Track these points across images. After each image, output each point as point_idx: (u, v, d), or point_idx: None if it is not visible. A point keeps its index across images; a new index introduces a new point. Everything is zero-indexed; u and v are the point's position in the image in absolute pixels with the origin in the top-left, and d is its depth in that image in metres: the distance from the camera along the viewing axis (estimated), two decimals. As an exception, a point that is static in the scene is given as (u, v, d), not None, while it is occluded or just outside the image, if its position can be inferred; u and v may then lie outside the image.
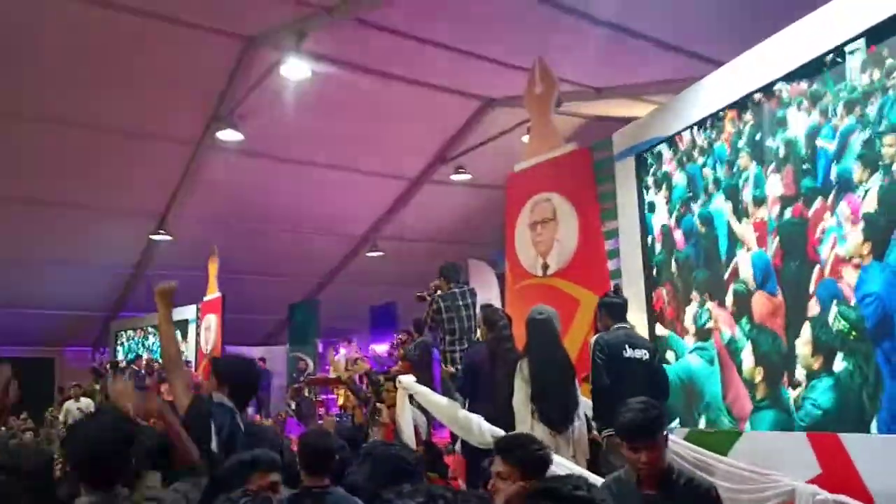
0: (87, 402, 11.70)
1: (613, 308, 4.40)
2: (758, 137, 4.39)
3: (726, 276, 4.55)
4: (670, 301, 5.13)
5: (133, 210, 12.30)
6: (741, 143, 4.52)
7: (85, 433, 2.45)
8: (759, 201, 4.33)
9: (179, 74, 8.76)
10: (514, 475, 2.50)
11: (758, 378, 4.21)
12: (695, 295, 4.87)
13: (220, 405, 3.15)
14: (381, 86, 9.16)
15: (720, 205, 4.67)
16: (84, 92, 8.85)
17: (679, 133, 5.15)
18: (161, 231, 12.64)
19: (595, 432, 4.28)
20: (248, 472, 2.70)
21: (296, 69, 8.02)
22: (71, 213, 11.85)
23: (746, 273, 4.40)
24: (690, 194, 5.01)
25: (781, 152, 4.17)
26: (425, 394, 5.17)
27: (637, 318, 4.97)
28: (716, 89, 4.83)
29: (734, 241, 4.54)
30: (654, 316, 5.26)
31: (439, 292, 6.12)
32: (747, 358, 4.31)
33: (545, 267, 6.38)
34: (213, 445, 2.96)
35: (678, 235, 5.11)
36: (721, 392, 4.52)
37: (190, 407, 3.07)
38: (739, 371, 4.36)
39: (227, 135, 9.42)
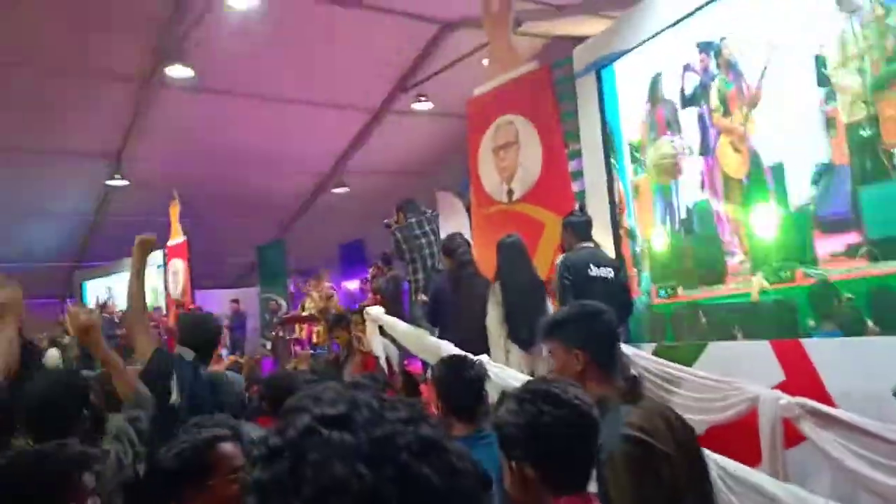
0: (54, 354, 11.55)
1: (577, 227, 4.36)
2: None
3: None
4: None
5: (86, 154, 11.89)
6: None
7: (35, 386, 2.36)
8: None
9: (123, 8, 8.30)
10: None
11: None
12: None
13: (180, 359, 3.14)
14: (335, 12, 8.78)
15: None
16: (26, 31, 8.36)
17: (639, 45, 5.01)
18: (117, 176, 12.27)
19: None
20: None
21: (243, -3, 7.65)
22: (22, 159, 11.41)
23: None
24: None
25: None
26: (393, 324, 5.16)
27: (602, 237, 4.94)
28: (670, 1, 4.69)
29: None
30: (619, 233, 5.23)
31: (395, 226, 6.06)
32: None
33: (510, 193, 6.30)
34: (174, 398, 2.96)
35: None
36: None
37: (150, 360, 3.05)
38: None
39: (177, 71, 9.05)
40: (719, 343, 4.17)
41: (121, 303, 14.17)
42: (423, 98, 10.97)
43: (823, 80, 3.71)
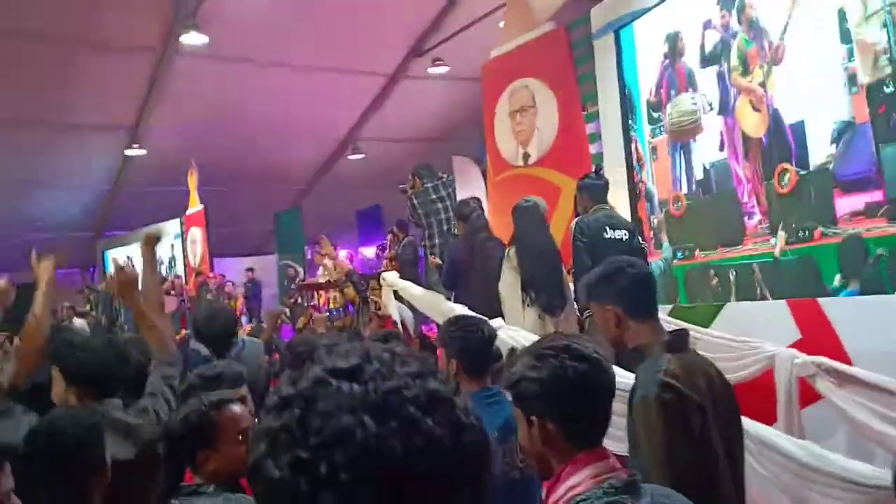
0: (80, 323, 11.78)
1: (592, 189, 4.33)
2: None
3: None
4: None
5: (104, 125, 11.94)
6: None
7: (78, 345, 2.40)
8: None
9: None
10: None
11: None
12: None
13: (195, 353, 3.18)
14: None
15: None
16: (40, 5, 8.36)
17: (659, 4, 4.92)
18: (135, 146, 12.33)
19: (578, 314, 4.31)
20: (214, 387, 2.68)
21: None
22: (41, 132, 11.49)
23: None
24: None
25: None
26: (408, 288, 5.19)
27: (619, 200, 4.91)
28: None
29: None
30: (636, 195, 5.20)
31: (411, 191, 6.05)
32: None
33: (526, 157, 6.27)
34: None
35: None
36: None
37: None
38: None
39: (192, 38, 9.00)
40: (736, 304, 4.15)
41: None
42: (438, 62, 10.86)
43: (846, 37, 3.62)
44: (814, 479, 2.65)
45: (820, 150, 3.77)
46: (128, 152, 12.60)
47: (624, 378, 2.98)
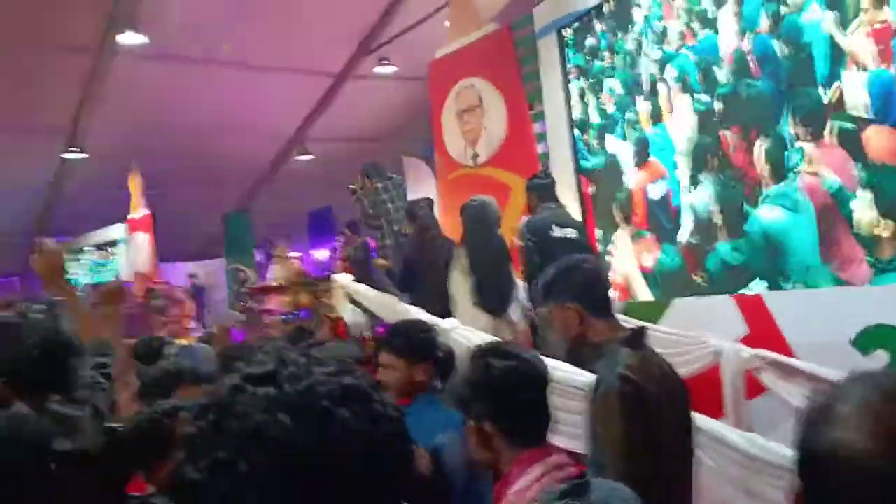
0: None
1: (539, 189, 4.38)
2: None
3: (824, 103, 3.73)
4: (735, 146, 4.29)
5: (40, 127, 11.51)
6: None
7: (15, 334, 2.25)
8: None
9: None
10: (400, 364, 2.50)
11: (884, 233, 3.50)
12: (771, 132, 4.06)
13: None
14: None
15: (815, 16, 3.77)
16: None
17: (600, 5, 4.99)
18: (73, 148, 11.93)
19: (530, 314, 4.34)
20: (174, 382, 2.62)
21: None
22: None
23: (857, 100, 3.56)
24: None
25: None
26: (361, 290, 5.15)
27: (567, 199, 4.96)
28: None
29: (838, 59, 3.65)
30: (583, 197, 5.28)
31: (361, 192, 6.00)
32: (863, 209, 3.58)
33: (475, 156, 6.28)
34: None
35: (729, 66, 4.24)
36: (818, 249, 3.80)
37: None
38: (850, 225, 3.66)
39: (129, 38, 8.75)
40: (684, 300, 4.24)
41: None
42: (385, 61, 10.80)
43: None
44: (760, 469, 2.71)
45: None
46: (65, 155, 12.18)
47: (579, 376, 3.01)
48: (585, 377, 2.74)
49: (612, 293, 2.24)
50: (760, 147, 4.09)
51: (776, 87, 3.98)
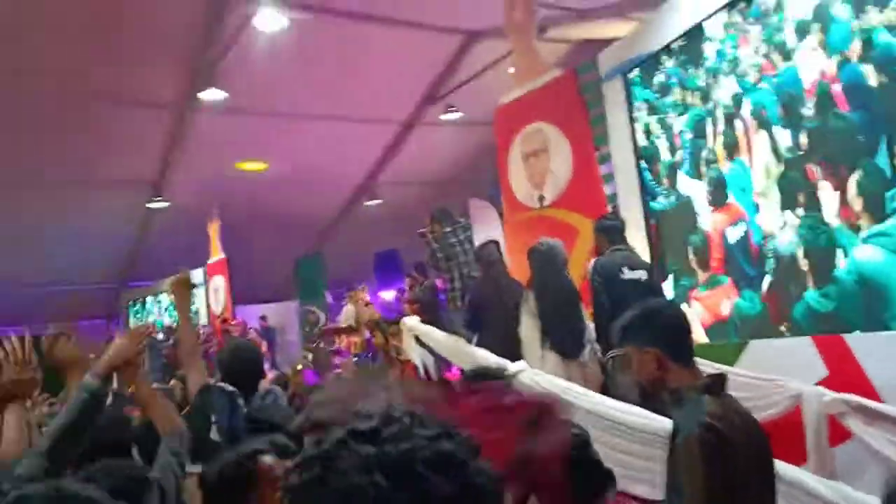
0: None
1: (608, 231, 4.37)
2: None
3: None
4: (824, 183, 4.01)
5: (127, 179, 12.22)
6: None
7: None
8: None
9: (156, 36, 8.54)
10: None
11: None
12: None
13: (220, 391, 3.10)
14: (360, 29, 8.92)
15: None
16: (64, 61, 8.66)
17: (667, 45, 5.01)
18: (157, 198, 12.59)
19: (599, 355, 4.30)
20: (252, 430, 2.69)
21: (271, 19, 7.82)
22: (68, 188, 11.79)
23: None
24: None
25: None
26: (429, 332, 5.22)
27: (636, 240, 4.93)
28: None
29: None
30: (650, 236, 5.22)
31: (430, 236, 6.10)
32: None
33: (541, 199, 6.32)
34: (213, 433, 2.94)
35: (813, 98, 3.99)
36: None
37: (194, 399, 3.06)
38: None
39: (211, 94, 9.26)
40: (760, 341, 4.13)
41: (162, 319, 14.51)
42: (451, 109, 11.05)
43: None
44: (846, 520, 2.60)
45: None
46: (150, 205, 12.85)
47: (656, 422, 2.98)
48: (662, 423, 2.71)
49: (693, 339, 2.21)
50: (853, 183, 3.79)
51: (869, 118, 3.72)
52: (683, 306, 4.84)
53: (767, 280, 4.37)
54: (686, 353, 2.08)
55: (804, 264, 4.11)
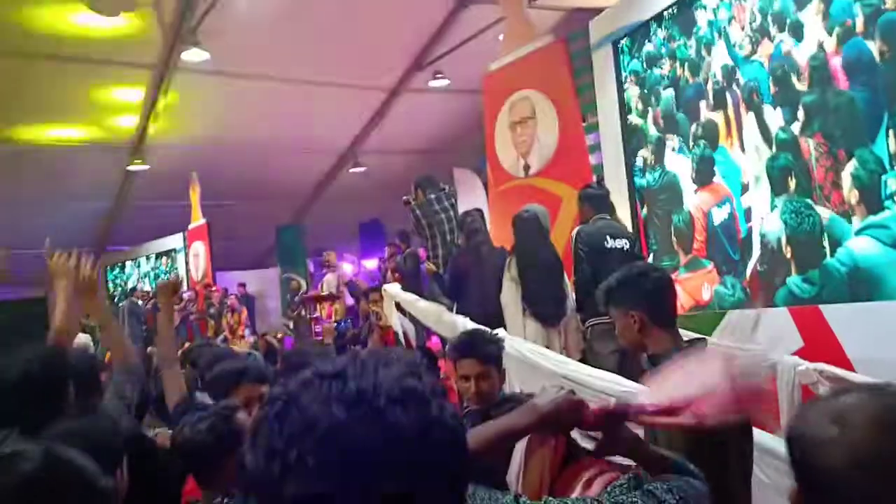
0: (85, 338, 11.77)
1: (593, 199, 4.36)
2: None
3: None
4: (817, 167, 3.84)
5: (106, 141, 12.01)
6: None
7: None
8: None
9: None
10: (492, 371, 2.50)
11: None
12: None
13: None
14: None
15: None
16: (40, 25, 8.45)
17: (659, 14, 4.96)
18: (137, 161, 12.40)
19: (579, 323, 4.32)
20: (236, 381, 2.68)
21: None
22: (43, 150, 11.57)
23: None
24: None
25: None
26: (411, 300, 5.20)
27: (620, 210, 4.93)
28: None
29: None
30: (635, 211, 5.22)
31: (414, 202, 6.07)
32: None
33: (526, 168, 6.29)
34: None
35: (811, 74, 3.75)
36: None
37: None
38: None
39: (193, 54, 9.06)
40: (739, 311, 4.16)
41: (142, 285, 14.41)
42: (439, 75, 10.93)
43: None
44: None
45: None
46: (130, 168, 12.66)
47: (629, 389, 2.99)
48: (640, 391, 2.72)
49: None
50: (849, 168, 3.59)
51: (871, 97, 3.47)
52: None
53: (751, 266, 4.28)
54: (669, 316, 2.09)
55: (787, 250, 4.02)
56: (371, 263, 13.94)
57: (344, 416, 0.65)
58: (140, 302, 12.70)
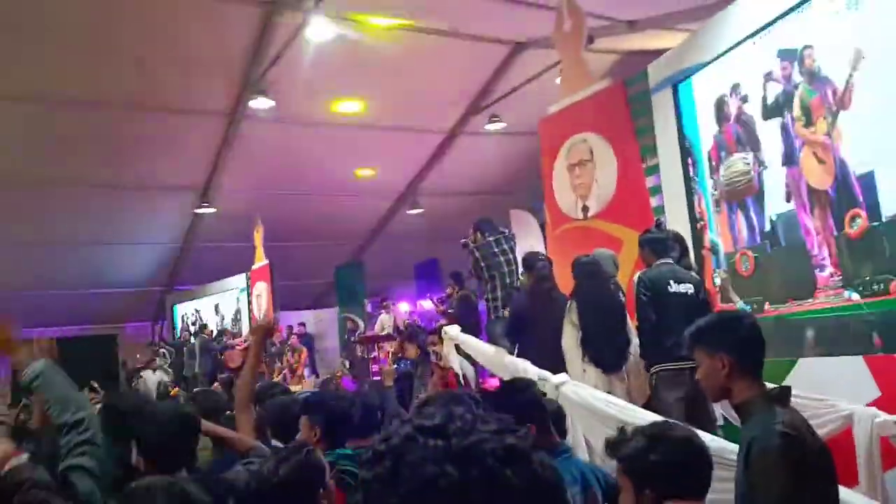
0: (153, 377, 12.17)
1: (654, 243, 4.32)
2: None
3: None
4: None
5: (176, 185, 12.52)
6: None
7: (156, 417, 2.44)
8: None
9: (207, 47, 8.77)
10: None
11: None
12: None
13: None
14: (408, 37, 9.01)
15: None
16: (118, 71, 8.95)
17: (717, 58, 4.94)
18: (205, 204, 12.86)
19: (643, 369, 4.25)
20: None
21: (320, 30, 7.95)
22: (120, 192, 12.15)
23: None
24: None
25: None
26: (471, 342, 5.22)
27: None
28: (750, 9, 4.62)
29: None
30: (700, 249, 5.14)
31: (473, 245, 6.11)
32: None
33: (585, 209, 6.28)
34: None
35: None
36: None
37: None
38: None
39: (260, 103, 9.44)
40: (810, 359, 4.02)
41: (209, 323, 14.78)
42: (495, 119, 11.07)
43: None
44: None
45: (892, 201, 3.68)
46: (198, 210, 13.14)
47: (718, 443, 2.91)
48: (712, 440, 2.67)
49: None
50: None
51: None
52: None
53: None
54: (757, 366, 2.06)
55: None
56: (427, 304, 14.01)
57: (458, 476, 0.69)
58: (212, 340, 12.97)
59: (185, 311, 16.76)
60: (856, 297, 3.85)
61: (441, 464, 0.70)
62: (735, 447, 2.36)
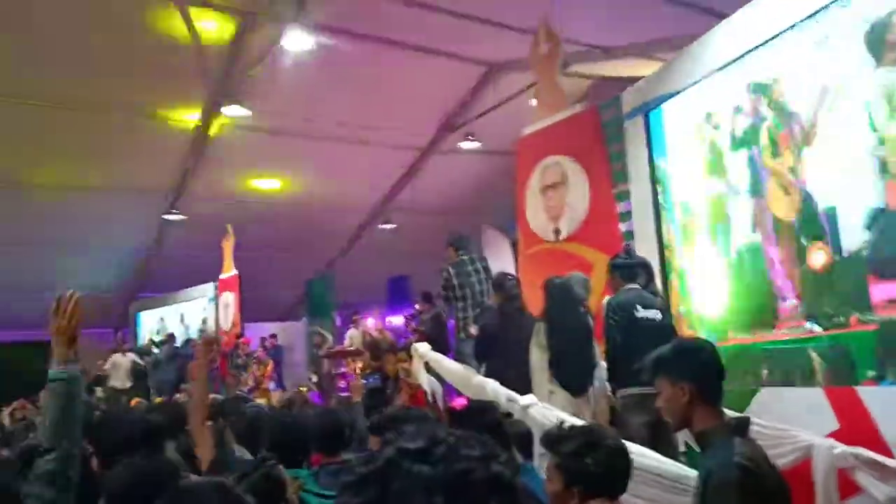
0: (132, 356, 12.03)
1: (623, 269, 4.37)
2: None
3: None
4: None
5: (145, 190, 12.34)
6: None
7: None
8: None
9: (183, 53, 8.71)
10: None
11: None
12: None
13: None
14: (384, 54, 9.05)
15: None
16: (90, 73, 8.84)
17: (688, 87, 5.04)
18: (174, 210, 12.69)
19: (609, 394, 4.28)
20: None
21: (297, 41, 7.95)
22: (86, 196, 11.92)
23: None
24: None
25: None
26: (440, 361, 5.20)
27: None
28: (723, 42, 4.72)
29: None
30: (668, 275, 5.20)
31: (446, 262, 6.11)
32: None
33: (557, 232, 6.33)
34: None
35: None
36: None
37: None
38: None
39: (234, 111, 9.38)
40: (771, 389, 4.09)
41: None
42: (470, 137, 11.14)
43: (874, 126, 3.68)
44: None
45: (853, 236, 3.77)
46: (166, 216, 12.95)
47: (663, 464, 2.94)
48: (676, 468, 2.68)
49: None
50: None
51: None
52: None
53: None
54: (717, 394, 2.08)
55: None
56: (397, 319, 13.96)
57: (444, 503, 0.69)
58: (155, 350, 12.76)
59: (148, 319, 16.46)
60: (817, 328, 3.92)
61: (429, 495, 0.69)
62: (695, 473, 2.39)
